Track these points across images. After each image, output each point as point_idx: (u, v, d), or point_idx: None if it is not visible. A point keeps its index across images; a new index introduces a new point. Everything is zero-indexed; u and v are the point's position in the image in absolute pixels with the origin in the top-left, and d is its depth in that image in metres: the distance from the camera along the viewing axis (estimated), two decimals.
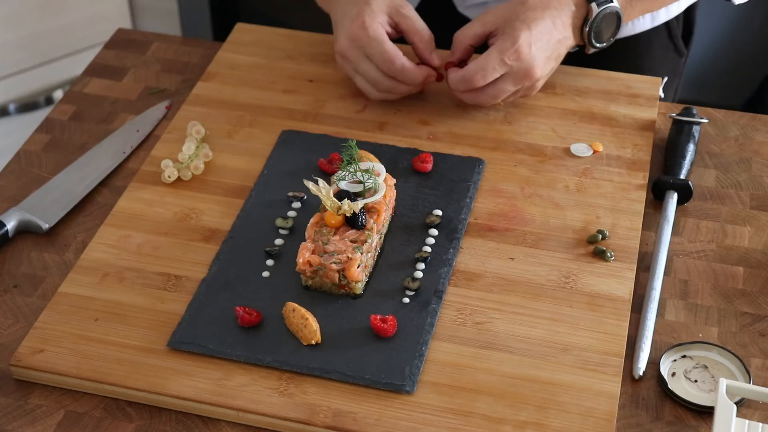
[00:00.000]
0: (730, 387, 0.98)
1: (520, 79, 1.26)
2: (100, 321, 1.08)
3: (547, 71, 1.29)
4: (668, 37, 1.53)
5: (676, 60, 1.57)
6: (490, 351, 1.05)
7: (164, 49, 1.48)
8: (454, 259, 1.13)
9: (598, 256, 1.14)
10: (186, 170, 1.24)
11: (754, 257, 1.17)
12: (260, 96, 1.36)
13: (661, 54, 1.53)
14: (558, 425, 0.98)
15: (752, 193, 1.25)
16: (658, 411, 1.03)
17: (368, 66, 1.28)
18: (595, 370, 1.03)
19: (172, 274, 1.13)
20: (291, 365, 1.03)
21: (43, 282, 1.15)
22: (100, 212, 1.23)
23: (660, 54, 1.53)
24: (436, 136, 1.30)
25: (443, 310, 1.09)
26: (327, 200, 1.11)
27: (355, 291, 1.09)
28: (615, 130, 1.31)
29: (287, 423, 1.00)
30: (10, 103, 2.38)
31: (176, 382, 1.02)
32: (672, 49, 1.55)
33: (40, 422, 1.01)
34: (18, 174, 1.29)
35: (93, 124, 1.36)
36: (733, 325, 1.10)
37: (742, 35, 2.57)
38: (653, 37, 1.50)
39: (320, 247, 1.09)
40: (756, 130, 1.34)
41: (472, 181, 1.22)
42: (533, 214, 1.19)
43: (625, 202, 1.21)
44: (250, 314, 1.06)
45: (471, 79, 1.25)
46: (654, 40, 1.51)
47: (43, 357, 1.04)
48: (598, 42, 1.31)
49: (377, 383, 1.01)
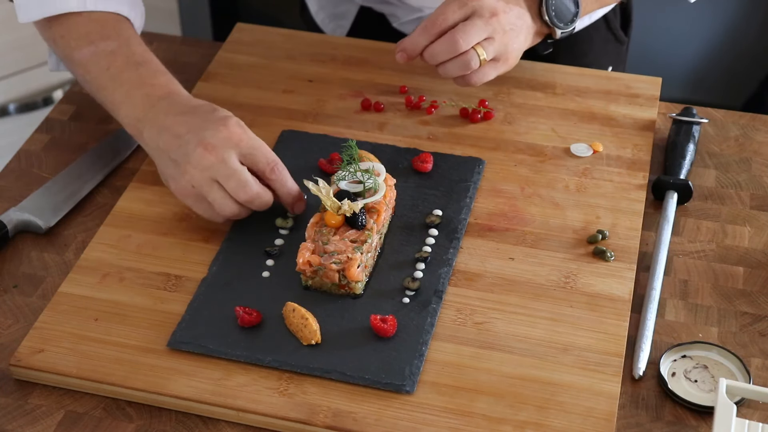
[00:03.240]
0: (730, 387, 0.98)
1: (487, 20, 1.21)
2: (100, 321, 1.08)
3: (513, 18, 1.24)
4: (607, 29, 1.56)
5: (618, 48, 1.60)
6: (490, 351, 1.05)
7: (164, 49, 1.48)
8: (454, 259, 1.13)
9: (598, 256, 1.14)
10: None
11: (754, 257, 1.17)
12: (260, 96, 1.36)
13: (602, 46, 1.56)
14: (558, 425, 0.98)
15: (752, 193, 1.25)
16: (658, 411, 1.03)
17: (220, 193, 1.12)
18: (595, 370, 1.03)
19: (172, 274, 1.13)
20: (291, 365, 1.03)
21: (43, 282, 1.15)
22: (100, 212, 1.23)
23: (601, 46, 1.56)
24: (436, 136, 1.30)
25: (443, 310, 1.09)
26: (327, 200, 1.11)
27: (355, 291, 1.09)
28: (615, 130, 1.31)
29: (287, 423, 1.00)
30: (9, 103, 2.38)
31: (176, 382, 1.02)
32: (612, 40, 1.58)
33: (40, 422, 1.01)
34: (18, 174, 1.29)
35: (93, 124, 1.36)
36: (733, 325, 1.10)
37: (742, 35, 2.57)
38: (593, 32, 1.52)
39: (320, 247, 1.09)
40: (756, 130, 1.34)
41: (472, 181, 1.22)
42: (533, 214, 1.19)
43: (625, 202, 1.21)
44: (250, 314, 1.06)
45: (433, 22, 1.21)
46: (594, 34, 1.53)
47: (43, 357, 1.04)
48: (561, 21, 1.29)
49: (377, 383, 1.01)
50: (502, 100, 1.35)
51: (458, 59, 1.22)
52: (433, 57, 1.23)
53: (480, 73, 1.24)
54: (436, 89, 1.36)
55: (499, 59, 1.25)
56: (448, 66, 1.23)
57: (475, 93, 1.35)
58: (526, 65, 1.40)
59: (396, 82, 1.37)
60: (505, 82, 1.37)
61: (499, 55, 1.24)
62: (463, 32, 1.20)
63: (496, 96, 1.36)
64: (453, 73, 1.24)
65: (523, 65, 1.39)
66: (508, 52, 1.25)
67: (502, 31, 1.23)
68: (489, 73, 1.25)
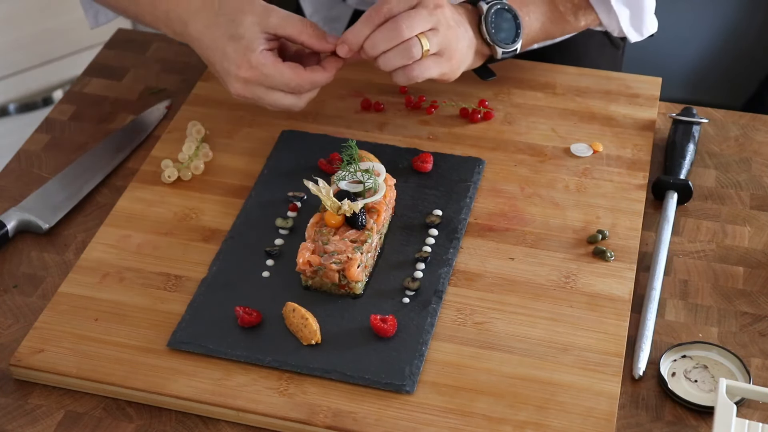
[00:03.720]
0: (730, 387, 0.98)
1: (431, 10, 1.18)
2: (100, 321, 1.08)
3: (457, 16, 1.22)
4: (603, 33, 1.54)
5: (614, 53, 1.59)
6: (490, 351, 1.05)
7: (164, 49, 1.48)
8: (454, 259, 1.13)
9: (598, 256, 1.14)
10: (186, 170, 1.24)
11: (754, 257, 1.17)
12: None
13: (598, 50, 1.56)
14: (558, 425, 0.98)
15: (752, 193, 1.25)
16: (658, 411, 1.03)
17: (275, 95, 1.20)
18: (595, 370, 1.03)
19: (172, 274, 1.13)
20: (291, 365, 1.03)
21: (43, 282, 1.15)
22: (100, 212, 1.23)
23: (597, 51, 1.55)
24: (436, 136, 1.30)
25: (443, 310, 1.09)
26: (327, 200, 1.11)
27: (355, 291, 1.09)
28: (615, 130, 1.31)
29: (287, 423, 1.00)
30: (9, 103, 2.38)
31: (176, 382, 1.02)
32: (608, 44, 1.57)
33: (40, 422, 1.01)
34: (18, 174, 1.29)
35: (93, 124, 1.36)
36: (733, 325, 1.10)
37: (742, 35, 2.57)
38: (588, 37, 1.50)
39: (320, 247, 1.09)
40: (756, 130, 1.34)
41: (472, 181, 1.22)
42: (533, 214, 1.19)
43: (625, 202, 1.21)
44: (250, 314, 1.06)
45: (377, 11, 1.17)
46: (589, 39, 1.52)
47: (43, 357, 1.04)
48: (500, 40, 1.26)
49: (377, 383, 1.01)
50: (502, 100, 1.35)
51: (400, 47, 1.17)
52: (374, 46, 1.18)
53: (422, 65, 1.19)
54: (436, 89, 1.36)
55: (443, 54, 1.20)
56: (390, 55, 1.18)
57: (475, 93, 1.35)
58: (527, 65, 1.40)
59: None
60: (505, 82, 1.37)
61: (442, 50, 1.20)
62: (408, 18, 1.17)
63: (496, 96, 1.36)
64: (394, 63, 1.18)
65: (524, 65, 1.39)
66: (452, 50, 1.21)
67: (446, 24, 1.19)
68: (431, 68, 1.20)
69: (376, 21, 1.18)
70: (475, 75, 1.32)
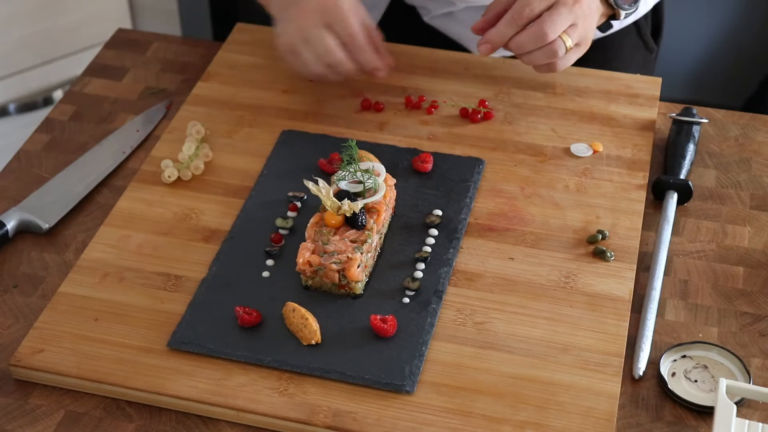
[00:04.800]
0: (730, 387, 0.98)
1: (570, 7, 1.22)
2: (100, 321, 1.08)
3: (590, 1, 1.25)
4: (638, 35, 1.55)
5: (647, 57, 1.59)
6: (490, 351, 1.05)
7: (164, 49, 1.48)
8: (454, 259, 1.13)
9: (598, 256, 1.14)
10: (186, 170, 1.24)
11: (754, 257, 1.17)
12: (260, 96, 1.36)
13: (631, 52, 1.56)
14: (558, 425, 0.98)
15: (752, 193, 1.25)
16: (658, 411, 1.03)
17: (330, 41, 1.25)
18: (595, 370, 1.03)
19: (172, 274, 1.13)
20: (291, 365, 1.03)
21: (43, 282, 1.15)
22: (100, 212, 1.23)
23: (630, 52, 1.55)
24: (436, 136, 1.30)
25: (443, 310, 1.09)
26: (327, 200, 1.11)
27: (355, 291, 1.09)
28: (615, 130, 1.31)
29: (287, 423, 1.00)
30: (9, 103, 2.38)
31: (176, 382, 1.02)
32: (642, 47, 1.57)
33: (40, 422, 1.01)
34: (18, 174, 1.29)
35: (93, 124, 1.36)
36: (733, 325, 1.10)
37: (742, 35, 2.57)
38: (623, 37, 1.51)
39: (320, 247, 1.09)
40: (756, 130, 1.34)
41: (472, 181, 1.22)
42: (533, 214, 1.19)
43: (625, 202, 1.21)
44: (250, 314, 1.06)
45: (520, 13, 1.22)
46: (624, 39, 1.53)
47: (43, 357, 1.04)
48: (625, 3, 1.29)
49: (377, 383, 1.01)
50: (502, 100, 1.35)
51: (545, 48, 1.23)
52: (520, 47, 1.24)
53: (565, 60, 1.25)
54: (436, 89, 1.36)
55: (581, 44, 1.26)
56: (535, 55, 1.24)
57: (475, 93, 1.35)
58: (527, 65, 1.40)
59: (396, 82, 1.37)
60: (505, 82, 1.37)
61: (580, 40, 1.26)
62: (551, 22, 1.21)
63: (496, 96, 1.36)
64: (539, 61, 1.25)
65: (524, 65, 1.39)
66: (588, 37, 1.27)
67: (583, 16, 1.24)
68: (571, 59, 1.26)
69: (520, 23, 1.22)
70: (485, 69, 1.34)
